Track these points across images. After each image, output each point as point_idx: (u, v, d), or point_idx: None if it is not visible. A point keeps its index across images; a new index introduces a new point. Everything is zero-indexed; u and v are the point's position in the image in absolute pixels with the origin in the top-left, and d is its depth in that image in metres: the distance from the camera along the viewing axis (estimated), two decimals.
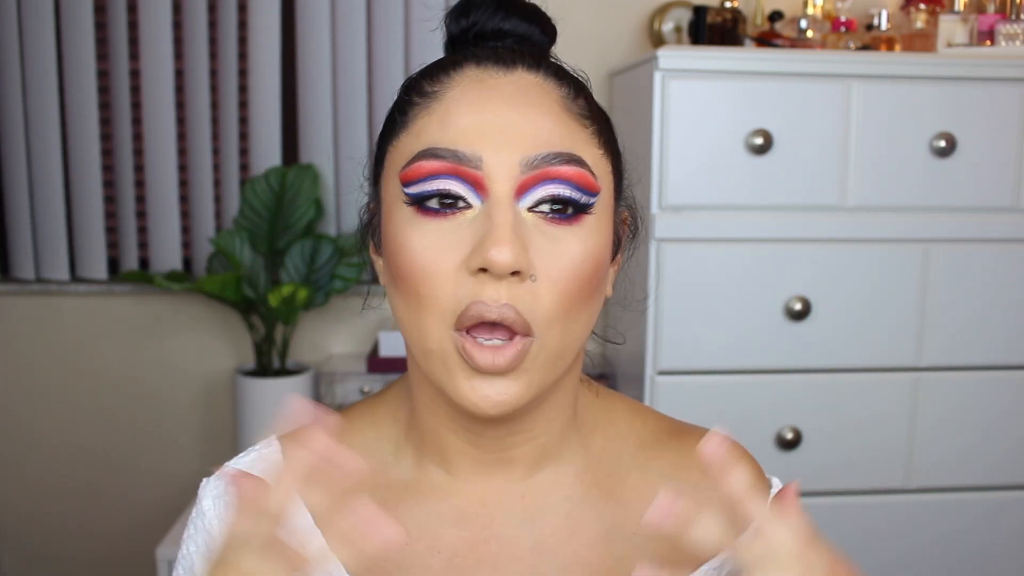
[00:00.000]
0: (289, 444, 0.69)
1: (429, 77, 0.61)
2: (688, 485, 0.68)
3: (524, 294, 0.56)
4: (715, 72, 1.55)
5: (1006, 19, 1.66)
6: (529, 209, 0.57)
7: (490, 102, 0.58)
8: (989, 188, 1.61)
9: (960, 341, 1.64)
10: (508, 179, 0.56)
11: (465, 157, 0.56)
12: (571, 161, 0.57)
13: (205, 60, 2.06)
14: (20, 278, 2.12)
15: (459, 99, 0.58)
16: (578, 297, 0.58)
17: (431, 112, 0.59)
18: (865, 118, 1.57)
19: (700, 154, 1.56)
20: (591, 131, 0.61)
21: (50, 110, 2.06)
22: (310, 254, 2.01)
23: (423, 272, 0.57)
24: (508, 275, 0.55)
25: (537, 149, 0.57)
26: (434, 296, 0.57)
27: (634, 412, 0.73)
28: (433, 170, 0.57)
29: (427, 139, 0.58)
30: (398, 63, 2.07)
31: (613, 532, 0.66)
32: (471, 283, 0.56)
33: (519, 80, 0.60)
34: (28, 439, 2.19)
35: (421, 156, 0.57)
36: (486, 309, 0.55)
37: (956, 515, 1.69)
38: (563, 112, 0.59)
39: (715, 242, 1.58)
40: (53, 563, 2.24)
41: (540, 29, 0.65)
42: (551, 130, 0.58)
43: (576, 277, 0.57)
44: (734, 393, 1.61)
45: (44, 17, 2.04)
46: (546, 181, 0.57)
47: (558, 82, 0.61)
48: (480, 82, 0.59)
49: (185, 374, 2.18)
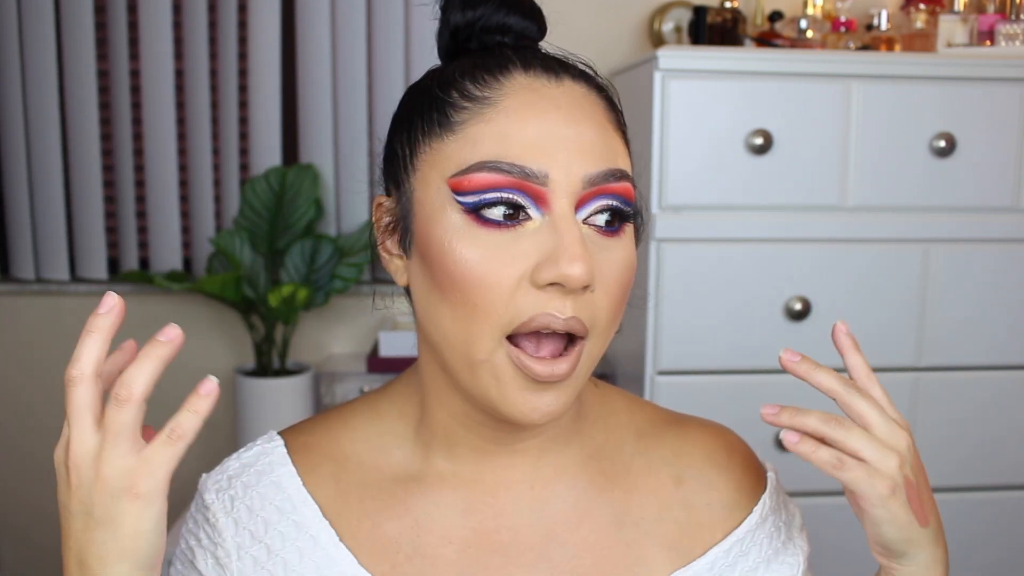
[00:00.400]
0: (290, 437, 0.70)
1: (473, 79, 0.60)
2: (692, 470, 0.70)
3: (586, 305, 0.57)
4: (715, 72, 1.55)
5: (1006, 19, 1.66)
6: (584, 221, 0.58)
7: (549, 114, 0.58)
8: (989, 188, 1.61)
9: (960, 341, 1.64)
10: (570, 194, 0.57)
11: (532, 173, 0.56)
12: (621, 177, 0.59)
13: (205, 60, 2.07)
14: (20, 278, 2.12)
15: (519, 110, 0.58)
16: (623, 303, 0.61)
17: (486, 120, 0.58)
18: (865, 118, 1.57)
19: (700, 154, 1.56)
20: (624, 141, 0.62)
21: (50, 110, 2.06)
22: (310, 254, 2.01)
23: (481, 282, 0.56)
24: (579, 290, 0.56)
25: (597, 166, 0.58)
26: (491, 307, 0.56)
27: (631, 403, 0.74)
28: (496, 183, 0.56)
29: (486, 150, 0.57)
30: (398, 63, 2.07)
31: (621, 518, 0.67)
32: (534, 295, 0.56)
33: (570, 91, 0.60)
34: (28, 439, 2.19)
35: (483, 168, 0.56)
36: (553, 320, 0.56)
37: (956, 515, 1.69)
38: (608, 124, 0.61)
39: (715, 242, 1.58)
40: (53, 562, 2.24)
41: (536, 26, 0.65)
42: (605, 144, 0.59)
43: (625, 285, 0.60)
44: (734, 393, 1.61)
45: (44, 17, 2.04)
46: (600, 196, 0.58)
47: (599, 93, 0.62)
48: (534, 91, 0.59)
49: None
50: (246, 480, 0.67)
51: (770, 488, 0.72)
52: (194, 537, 0.68)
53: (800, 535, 0.73)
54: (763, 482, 0.73)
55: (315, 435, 0.69)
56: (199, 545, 0.67)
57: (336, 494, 0.66)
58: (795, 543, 0.71)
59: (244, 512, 0.66)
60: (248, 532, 0.65)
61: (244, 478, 0.67)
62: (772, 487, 0.72)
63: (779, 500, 0.73)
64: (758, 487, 0.72)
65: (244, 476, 0.67)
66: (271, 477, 0.67)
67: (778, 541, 0.70)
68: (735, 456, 0.73)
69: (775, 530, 0.71)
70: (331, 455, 0.68)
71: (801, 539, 0.72)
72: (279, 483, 0.67)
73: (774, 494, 0.72)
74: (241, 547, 0.65)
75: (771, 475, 0.74)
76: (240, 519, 0.66)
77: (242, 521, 0.66)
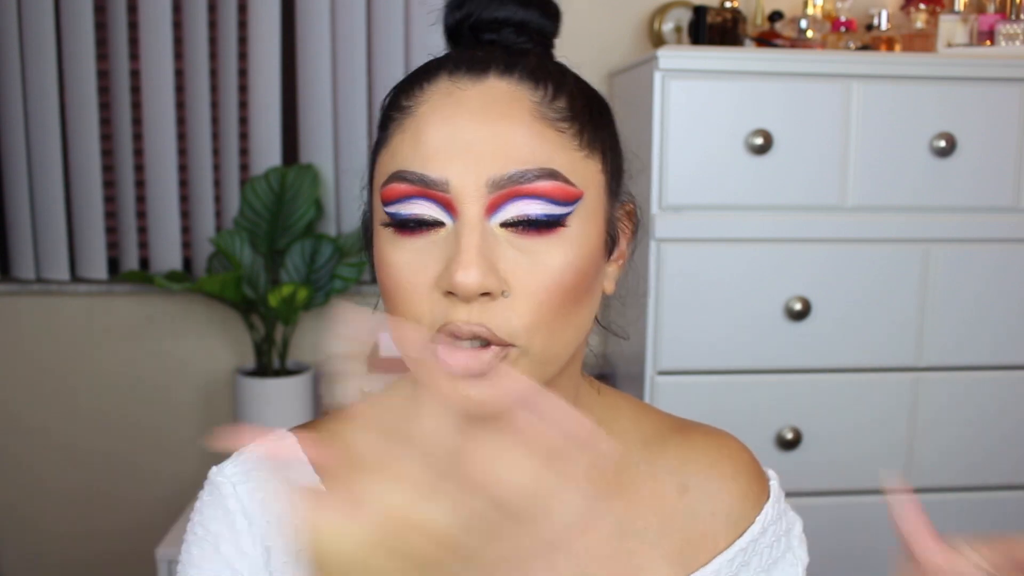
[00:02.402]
0: (302, 435, 0.69)
1: (406, 91, 0.60)
2: (697, 479, 0.70)
3: (497, 311, 0.56)
4: (715, 72, 1.55)
5: (1006, 19, 1.66)
6: (501, 225, 0.56)
7: (457, 118, 0.57)
8: (989, 188, 1.61)
9: (960, 341, 1.64)
10: (476, 199, 0.56)
11: (432, 181, 0.56)
12: (542, 175, 0.56)
13: (205, 60, 2.06)
14: (20, 278, 2.12)
15: (428, 116, 0.57)
16: (560, 307, 0.57)
17: (404, 129, 0.58)
18: (865, 118, 1.57)
19: (700, 154, 1.56)
20: (570, 133, 0.58)
21: (50, 110, 2.06)
22: (310, 254, 2.01)
23: (399, 288, 0.58)
24: (478, 296, 0.55)
25: (505, 167, 0.56)
26: (411, 313, 0.57)
27: (637, 409, 0.73)
28: (403, 192, 0.57)
29: (400, 159, 0.58)
30: (398, 63, 2.07)
31: (625, 527, 0.67)
32: (444, 303, 0.56)
33: (489, 90, 0.58)
34: (28, 439, 2.19)
35: (393, 178, 0.58)
36: (457, 330, 0.56)
37: (956, 515, 1.69)
38: (535, 121, 0.57)
39: (715, 242, 1.58)
40: (53, 562, 2.24)
41: (540, 12, 0.63)
42: (521, 144, 0.56)
43: (556, 288, 0.57)
44: (734, 393, 1.61)
45: (44, 17, 2.04)
46: (516, 198, 0.56)
47: (533, 85, 0.58)
48: (448, 95, 0.58)
49: (185, 374, 2.18)
50: (260, 473, 0.67)
51: (772, 497, 0.72)
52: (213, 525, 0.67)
53: (800, 545, 0.73)
54: (766, 491, 0.73)
55: (325, 432, 0.69)
56: (220, 535, 0.66)
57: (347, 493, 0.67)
58: (794, 553, 0.71)
59: (258, 505, 0.66)
60: (265, 525, 0.65)
61: (258, 470, 0.67)
62: (774, 496, 0.72)
63: (780, 508, 0.73)
64: (761, 496, 0.72)
65: (258, 469, 0.67)
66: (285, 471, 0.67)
67: (777, 551, 0.70)
68: (740, 465, 0.72)
69: (775, 539, 0.71)
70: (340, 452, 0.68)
71: (801, 549, 0.72)
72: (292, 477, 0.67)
73: (776, 503, 0.72)
74: (257, 538, 0.65)
75: (773, 484, 0.74)
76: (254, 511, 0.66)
77: (256, 516, 0.66)
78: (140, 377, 2.17)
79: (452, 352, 0.56)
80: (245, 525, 0.66)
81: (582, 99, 0.61)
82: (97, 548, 2.23)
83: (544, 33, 0.64)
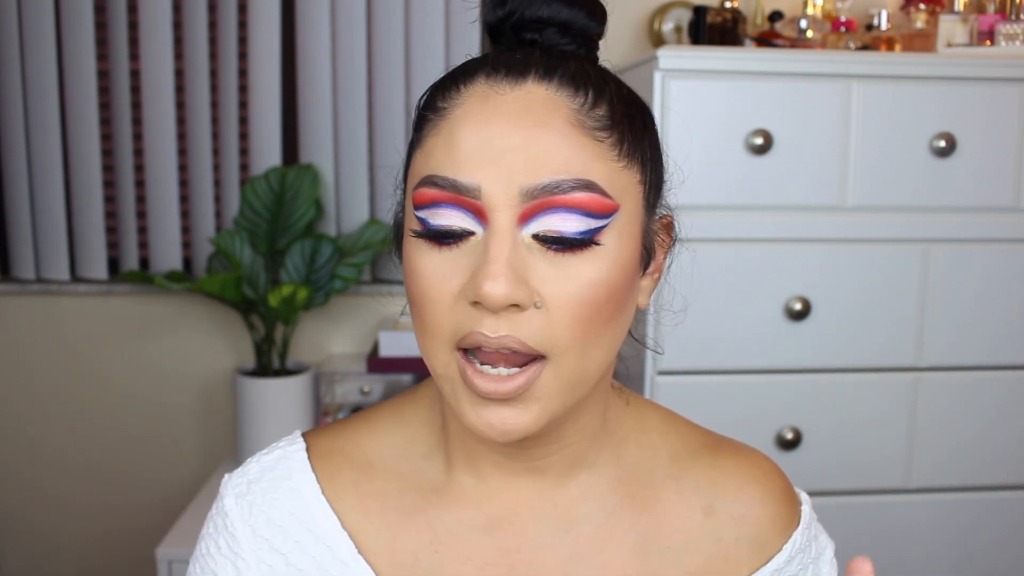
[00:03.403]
0: (312, 440, 0.68)
1: (442, 91, 0.58)
2: (725, 501, 0.67)
3: (529, 322, 0.54)
4: (715, 72, 1.55)
5: (1006, 19, 1.66)
6: (533, 236, 0.54)
7: (492, 124, 0.54)
8: (989, 188, 1.61)
9: (960, 341, 1.64)
10: (508, 208, 0.54)
11: (464, 187, 0.54)
12: (578, 187, 0.54)
13: (205, 60, 2.06)
14: (20, 278, 2.12)
15: (463, 119, 0.55)
16: (594, 323, 0.55)
17: (439, 132, 0.56)
18: (865, 118, 1.57)
19: (700, 154, 1.56)
20: (609, 143, 0.56)
21: (50, 110, 2.06)
22: (310, 254, 2.01)
23: (426, 297, 0.56)
24: (506, 307, 0.53)
25: (539, 176, 0.53)
26: (436, 323, 0.56)
27: (667, 422, 0.71)
28: (434, 198, 0.55)
29: (433, 163, 0.56)
30: (398, 63, 2.07)
31: (647, 544, 0.65)
32: (471, 312, 0.54)
33: (527, 95, 0.55)
34: (28, 439, 2.19)
35: (425, 182, 0.56)
36: (484, 339, 0.54)
37: (956, 515, 1.69)
38: (573, 128, 0.55)
39: (715, 242, 1.58)
40: (53, 563, 2.24)
41: (585, 13, 0.61)
42: (556, 152, 0.54)
43: (590, 303, 0.55)
44: (734, 393, 1.61)
45: (44, 17, 2.04)
46: (550, 209, 0.54)
47: (573, 91, 0.56)
48: (485, 99, 0.56)
49: (185, 374, 2.18)
50: (265, 486, 0.66)
51: (803, 524, 0.69)
52: (214, 543, 0.67)
53: (831, 570, 0.70)
54: (796, 516, 0.69)
55: (339, 440, 0.68)
56: (219, 552, 0.66)
57: (356, 503, 0.65)
58: None
59: (262, 520, 0.65)
60: (266, 541, 0.64)
61: (263, 483, 0.66)
62: (804, 522, 0.69)
63: (810, 535, 0.70)
64: (791, 522, 0.69)
65: (263, 481, 0.66)
66: (290, 483, 0.66)
67: None
68: (770, 489, 0.69)
69: (801, 568, 0.68)
70: (353, 461, 0.66)
71: (832, 574, 0.70)
72: (298, 490, 0.65)
73: (806, 529, 0.69)
74: (260, 557, 0.64)
75: (805, 508, 0.70)
76: (258, 527, 0.65)
77: (260, 529, 0.65)
78: (140, 377, 2.17)
79: (480, 375, 0.55)
80: (245, 544, 0.65)
81: (623, 106, 0.58)
82: (97, 548, 2.23)
83: (588, 34, 0.62)
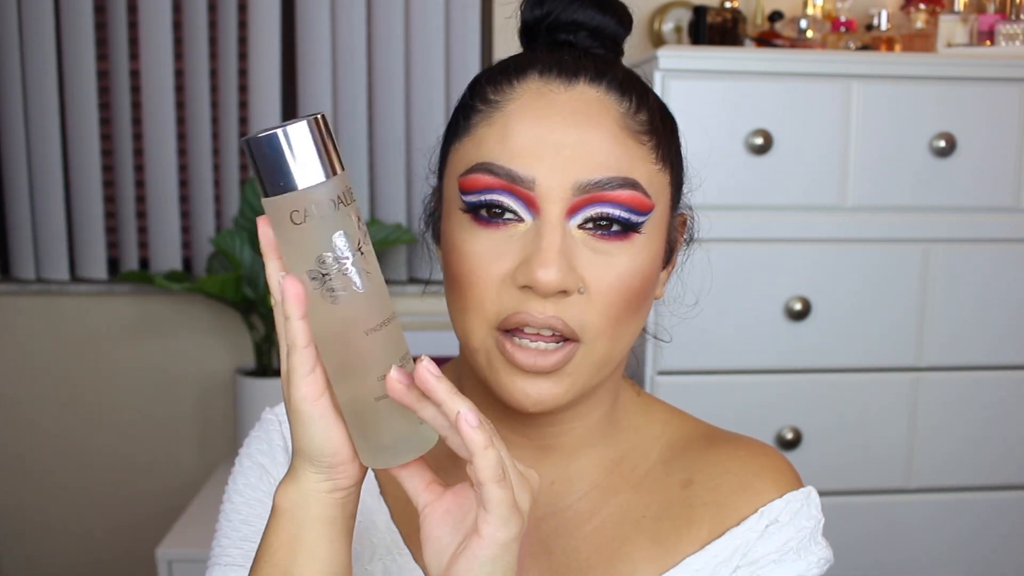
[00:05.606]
0: None
1: (493, 84, 0.62)
2: (703, 475, 0.69)
3: (572, 306, 0.58)
4: (715, 72, 1.55)
5: (1006, 19, 1.66)
6: (579, 226, 0.58)
7: (548, 120, 0.58)
8: (989, 188, 1.61)
9: (959, 341, 1.64)
10: (560, 200, 0.57)
11: (519, 177, 0.57)
12: (624, 185, 0.58)
13: (205, 60, 2.06)
14: (20, 278, 2.12)
15: (519, 113, 0.59)
16: (626, 309, 0.60)
17: (492, 123, 0.60)
18: (865, 118, 1.57)
19: (700, 154, 1.55)
20: (649, 146, 0.61)
21: (50, 110, 2.06)
22: None
23: (472, 276, 0.59)
24: (555, 293, 0.57)
25: (591, 173, 0.58)
26: (479, 301, 0.59)
27: (671, 415, 0.74)
28: (488, 184, 0.58)
29: (486, 151, 0.59)
30: (398, 63, 2.07)
31: (623, 515, 0.68)
32: (516, 295, 0.58)
33: (580, 96, 0.60)
34: (28, 438, 2.19)
35: (478, 169, 0.59)
36: (531, 318, 0.57)
37: (956, 515, 1.69)
38: (621, 131, 0.60)
39: (715, 242, 1.58)
40: (53, 562, 2.24)
41: (616, 20, 0.65)
42: (607, 151, 0.58)
43: (625, 290, 0.59)
44: (734, 393, 1.61)
45: (44, 17, 2.04)
46: (597, 203, 0.58)
47: (620, 96, 0.61)
48: (541, 96, 0.60)
49: (185, 374, 2.18)
50: None
51: (782, 503, 0.67)
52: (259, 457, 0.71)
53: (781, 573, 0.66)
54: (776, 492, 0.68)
55: None
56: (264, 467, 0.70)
57: None
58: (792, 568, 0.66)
59: None
60: None
61: None
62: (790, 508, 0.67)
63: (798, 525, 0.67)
64: (766, 494, 0.68)
65: None
66: None
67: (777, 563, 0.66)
68: (750, 463, 0.69)
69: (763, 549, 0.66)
70: None
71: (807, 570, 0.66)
72: None
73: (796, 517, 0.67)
74: None
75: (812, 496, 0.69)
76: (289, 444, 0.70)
77: None
78: (140, 377, 2.17)
79: (520, 348, 0.58)
80: (285, 458, 0.70)
81: (659, 113, 0.64)
82: (97, 547, 2.23)
83: (616, 40, 0.66)
